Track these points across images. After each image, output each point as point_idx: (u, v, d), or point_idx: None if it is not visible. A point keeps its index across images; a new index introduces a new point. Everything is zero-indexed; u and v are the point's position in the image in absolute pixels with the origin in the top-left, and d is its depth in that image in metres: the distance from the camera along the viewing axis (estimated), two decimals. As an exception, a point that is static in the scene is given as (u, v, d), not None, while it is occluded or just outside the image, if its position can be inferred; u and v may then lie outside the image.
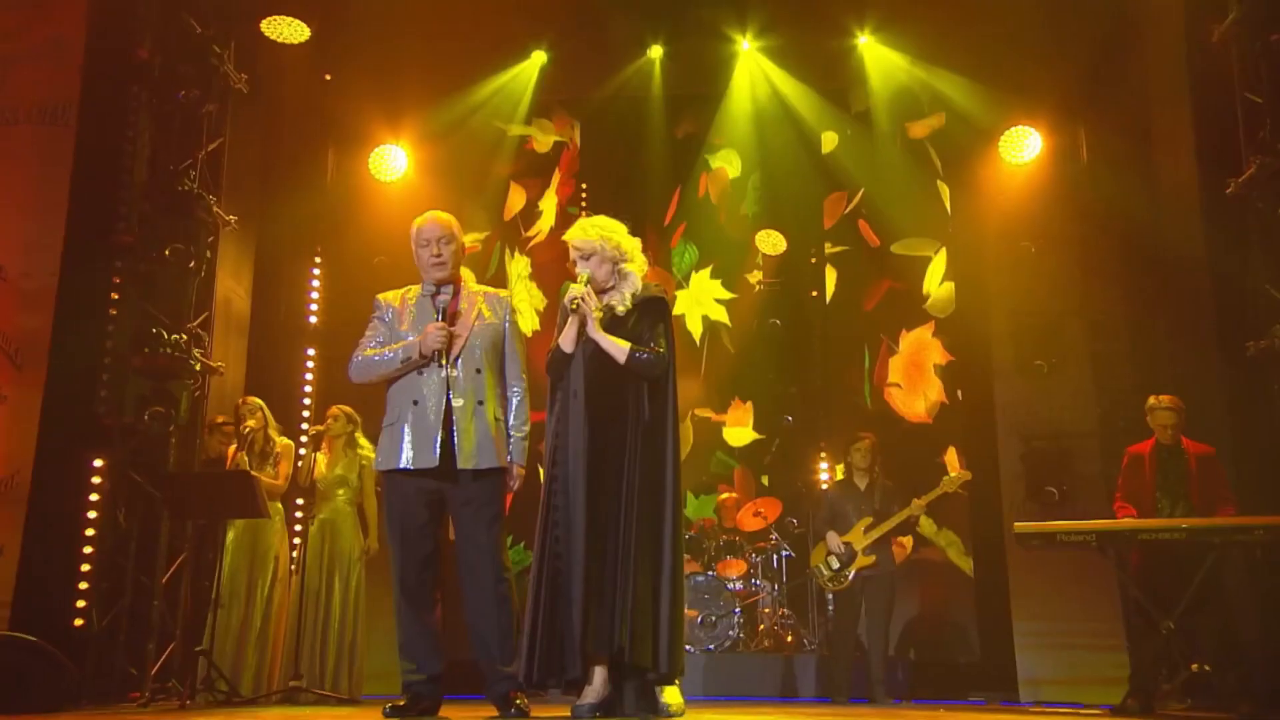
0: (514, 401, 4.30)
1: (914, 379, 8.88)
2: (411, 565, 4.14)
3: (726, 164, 9.50)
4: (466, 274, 4.62)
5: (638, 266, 4.13)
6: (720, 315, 9.33)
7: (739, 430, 9.16)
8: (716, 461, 9.14)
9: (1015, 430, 7.70)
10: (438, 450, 4.05)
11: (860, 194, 9.10)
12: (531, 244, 9.41)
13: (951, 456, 8.28)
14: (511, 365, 4.33)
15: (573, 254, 4.13)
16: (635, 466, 3.90)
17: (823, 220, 9.29)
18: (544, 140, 9.38)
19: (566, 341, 4.06)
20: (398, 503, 4.17)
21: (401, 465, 4.10)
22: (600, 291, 4.11)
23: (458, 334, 4.18)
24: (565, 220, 9.18)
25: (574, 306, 4.01)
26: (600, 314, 4.04)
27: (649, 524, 3.87)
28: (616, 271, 4.11)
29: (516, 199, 9.40)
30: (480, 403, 4.13)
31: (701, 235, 9.44)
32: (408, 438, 4.09)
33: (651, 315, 4.09)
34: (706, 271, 9.39)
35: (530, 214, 9.43)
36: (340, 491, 6.56)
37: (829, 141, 9.05)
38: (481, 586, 4.12)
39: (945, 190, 8.78)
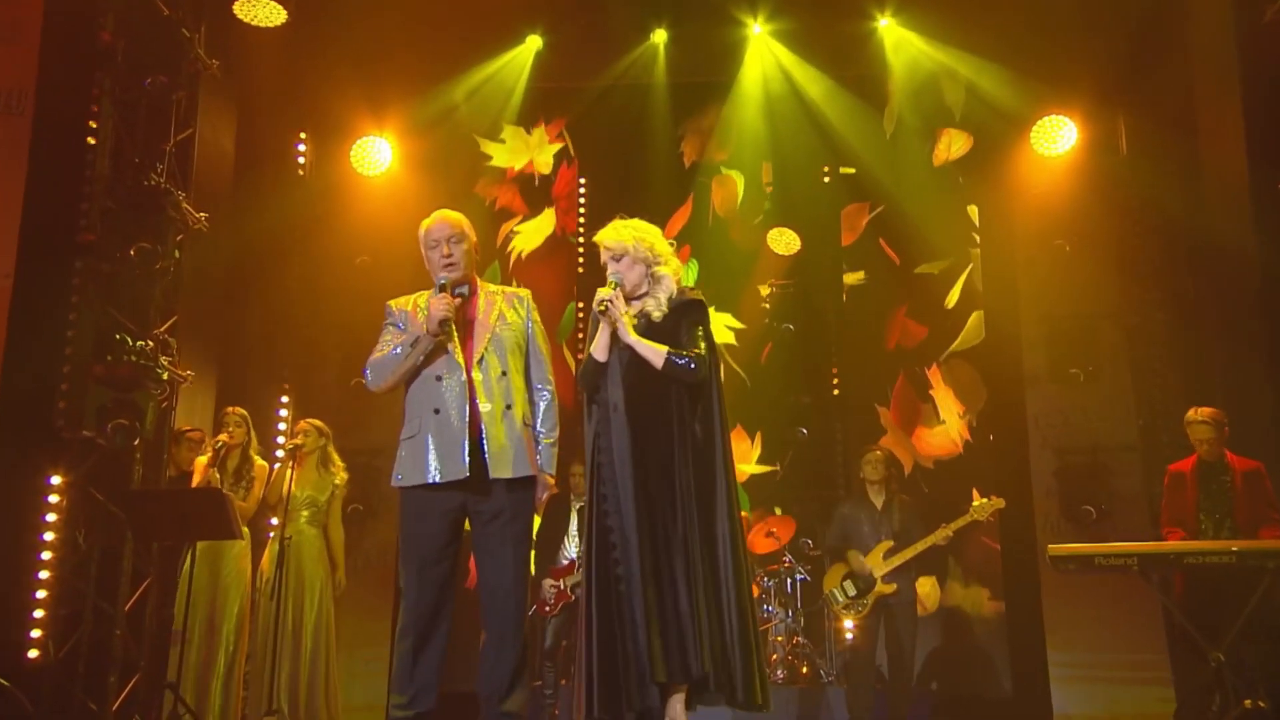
0: (541, 405, 4.29)
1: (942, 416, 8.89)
2: (428, 592, 4.07)
3: (736, 174, 9.51)
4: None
5: (672, 270, 4.16)
6: (727, 337, 9.32)
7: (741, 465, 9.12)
8: None
9: (1048, 443, 7.68)
10: (466, 458, 4.02)
11: (880, 208, 9.13)
12: (512, 260, 9.43)
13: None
14: (537, 366, 4.34)
15: (603, 255, 4.16)
16: (688, 479, 3.91)
17: (839, 224, 9.31)
18: (535, 157, 9.34)
19: (599, 350, 4.08)
20: (416, 523, 4.11)
21: (429, 479, 4.05)
22: (633, 298, 4.14)
23: (478, 335, 4.18)
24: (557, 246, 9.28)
25: (602, 309, 4.03)
26: (633, 320, 4.05)
27: (707, 541, 3.87)
28: (650, 275, 4.14)
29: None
30: (509, 407, 4.13)
31: (707, 252, 9.43)
32: (432, 449, 4.05)
33: (690, 318, 4.10)
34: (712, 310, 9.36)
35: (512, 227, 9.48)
36: (305, 512, 6.54)
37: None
38: (501, 611, 4.08)
39: (974, 212, 8.76)
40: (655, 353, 3.99)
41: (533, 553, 4.26)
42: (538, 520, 5.22)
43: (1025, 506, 7.63)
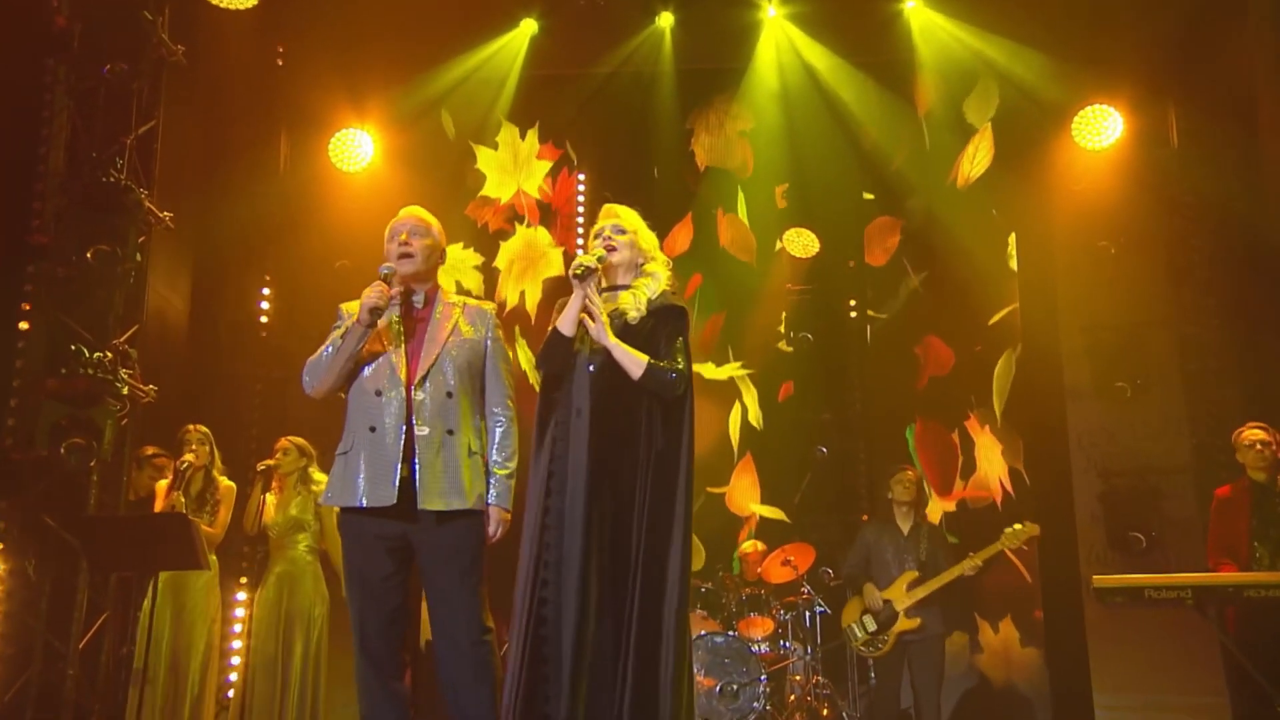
0: (496, 432, 4.27)
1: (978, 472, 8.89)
2: (374, 623, 4.09)
3: (743, 208, 9.48)
4: (446, 283, 4.71)
5: (664, 272, 4.25)
6: (732, 370, 9.35)
7: (750, 505, 9.10)
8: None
9: (1092, 465, 7.64)
10: (396, 485, 4.01)
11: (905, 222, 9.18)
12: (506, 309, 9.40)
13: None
14: (495, 389, 4.31)
15: (606, 222, 4.25)
16: (646, 503, 3.92)
17: (861, 223, 9.33)
18: (523, 182, 9.35)
19: (566, 323, 4.08)
20: (356, 549, 4.14)
21: (357, 502, 4.05)
22: (612, 286, 4.20)
23: (426, 350, 4.18)
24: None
25: (579, 272, 4.02)
26: (605, 320, 4.11)
27: (657, 568, 3.89)
28: (639, 269, 4.21)
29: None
30: (450, 432, 4.11)
31: (715, 270, 9.44)
32: (362, 469, 4.06)
33: (671, 326, 4.13)
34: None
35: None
36: (300, 538, 6.61)
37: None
38: (456, 650, 4.07)
39: (1013, 242, 8.75)
40: (635, 361, 4.01)
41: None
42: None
43: (1067, 534, 7.58)
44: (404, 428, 4.06)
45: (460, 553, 4.10)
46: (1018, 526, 6.98)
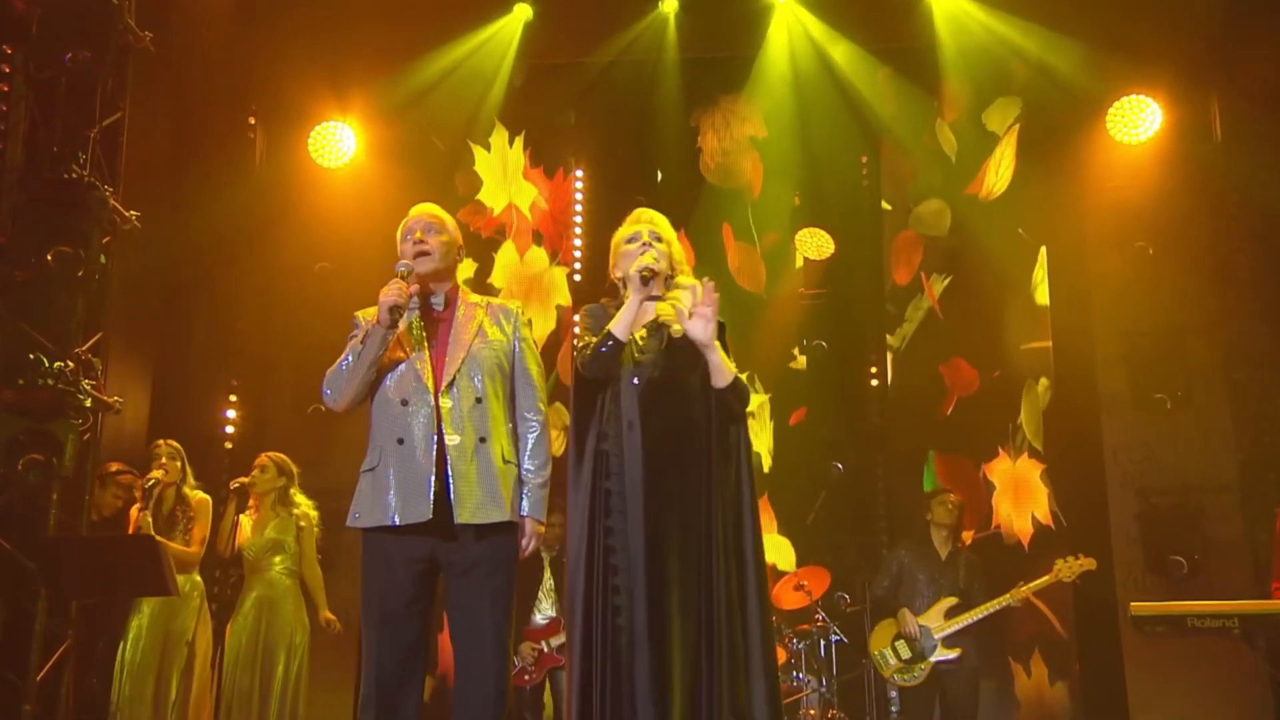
0: (529, 439, 4.23)
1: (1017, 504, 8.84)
2: (393, 655, 4.01)
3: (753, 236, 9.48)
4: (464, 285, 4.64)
5: (691, 283, 4.20)
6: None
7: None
8: None
9: (1129, 483, 7.65)
10: (431, 499, 3.96)
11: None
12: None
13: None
14: (525, 392, 4.27)
15: (644, 229, 4.28)
16: (723, 528, 3.99)
17: (880, 221, 9.34)
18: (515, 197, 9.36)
19: (623, 326, 4.06)
20: (379, 573, 4.05)
21: (390, 520, 3.98)
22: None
23: (451, 353, 4.14)
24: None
25: (647, 275, 4.06)
26: (642, 332, 4.13)
27: (740, 594, 3.99)
28: (669, 281, 4.21)
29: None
30: (482, 440, 4.07)
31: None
32: (393, 485, 4.00)
33: (722, 340, 4.14)
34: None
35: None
36: (276, 560, 6.58)
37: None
38: (478, 679, 4.01)
39: (1044, 256, 8.75)
40: (725, 371, 4.07)
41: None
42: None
43: (1103, 557, 7.51)
44: (434, 437, 4.02)
45: (495, 571, 4.06)
46: (1071, 559, 6.92)
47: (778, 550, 8.80)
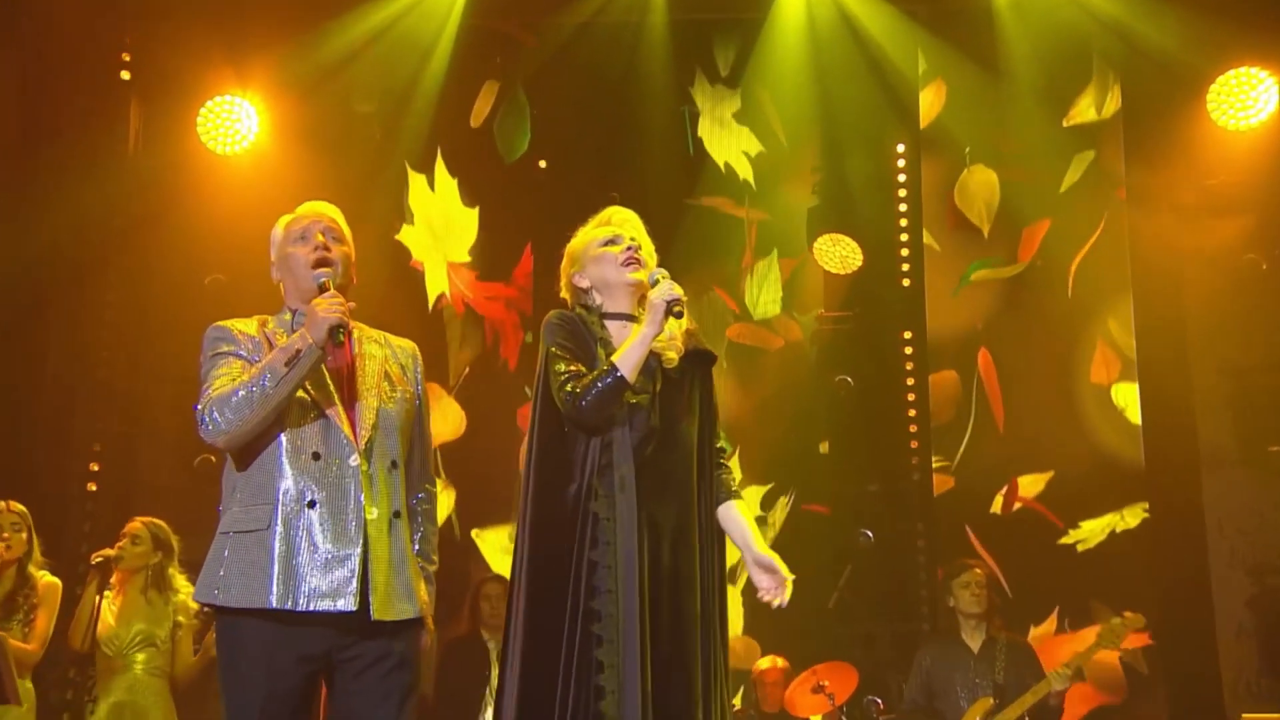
0: (419, 516, 4.22)
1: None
2: None
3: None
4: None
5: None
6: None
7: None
8: None
9: (1238, 557, 7.73)
10: (355, 586, 3.84)
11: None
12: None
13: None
14: (422, 458, 4.27)
15: (626, 236, 4.25)
16: (717, 614, 4.09)
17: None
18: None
19: (630, 364, 4.01)
20: (258, 672, 3.87)
21: (283, 604, 3.79)
22: (611, 315, 4.25)
23: (364, 402, 4.05)
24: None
25: (678, 310, 4.00)
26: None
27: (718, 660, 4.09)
28: (643, 296, 4.19)
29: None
30: (396, 514, 4.02)
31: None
32: (295, 558, 3.84)
33: (711, 381, 4.25)
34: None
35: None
36: (139, 656, 6.37)
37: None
38: None
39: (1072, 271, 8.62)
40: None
41: None
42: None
43: (1205, 652, 7.65)
44: (354, 504, 3.92)
45: (407, 663, 4.00)
46: (1115, 620, 6.82)
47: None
